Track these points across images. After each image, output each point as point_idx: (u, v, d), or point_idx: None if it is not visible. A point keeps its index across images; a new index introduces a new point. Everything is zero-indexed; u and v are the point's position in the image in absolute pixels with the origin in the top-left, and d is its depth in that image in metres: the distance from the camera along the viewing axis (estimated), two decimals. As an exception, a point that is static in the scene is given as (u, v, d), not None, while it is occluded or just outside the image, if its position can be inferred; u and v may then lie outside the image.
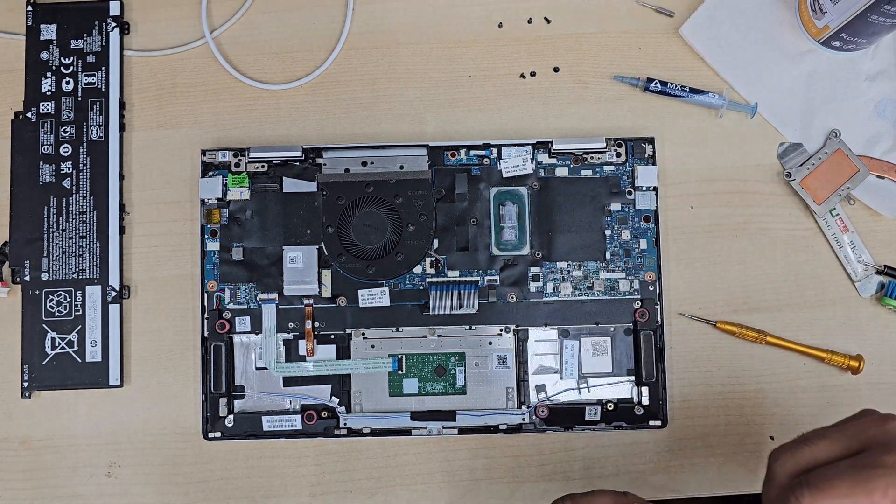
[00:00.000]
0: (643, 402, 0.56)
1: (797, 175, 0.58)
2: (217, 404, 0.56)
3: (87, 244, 0.58)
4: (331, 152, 0.58)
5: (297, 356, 0.56)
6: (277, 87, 0.60)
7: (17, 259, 0.58)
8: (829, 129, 0.59)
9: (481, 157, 0.58)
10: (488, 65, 0.60)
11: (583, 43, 0.61)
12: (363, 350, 0.57)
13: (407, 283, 0.57)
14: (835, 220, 0.58)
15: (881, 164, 0.59)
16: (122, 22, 0.60)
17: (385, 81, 0.60)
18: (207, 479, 0.57)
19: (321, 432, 0.56)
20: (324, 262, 0.57)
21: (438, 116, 0.60)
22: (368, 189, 0.57)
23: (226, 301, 0.57)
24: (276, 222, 0.57)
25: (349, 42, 0.61)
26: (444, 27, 0.61)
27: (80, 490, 0.57)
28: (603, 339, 0.57)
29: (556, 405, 0.56)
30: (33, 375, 0.57)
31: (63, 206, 0.58)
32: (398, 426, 0.56)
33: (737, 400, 0.57)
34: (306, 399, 0.56)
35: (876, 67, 0.60)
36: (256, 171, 0.57)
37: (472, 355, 0.57)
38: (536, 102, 0.60)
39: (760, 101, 0.59)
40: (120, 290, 0.58)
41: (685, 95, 0.59)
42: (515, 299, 0.57)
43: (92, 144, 0.59)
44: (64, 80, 0.59)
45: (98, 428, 0.58)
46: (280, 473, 0.57)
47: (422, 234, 0.57)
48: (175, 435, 0.57)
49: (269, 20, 0.61)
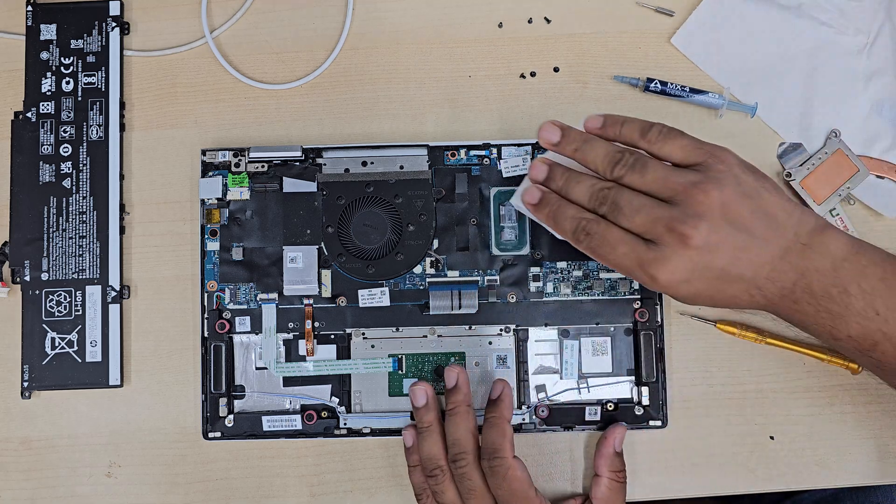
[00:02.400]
0: (643, 402, 0.56)
1: (797, 175, 0.58)
2: (217, 404, 0.56)
3: (87, 244, 0.58)
4: (331, 152, 0.58)
5: (297, 356, 0.56)
6: (277, 87, 0.60)
7: (17, 259, 0.58)
8: (828, 129, 0.59)
9: (481, 157, 0.58)
10: (488, 65, 0.60)
11: (583, 43, 0.61)
12: (363, 350, 0.57)
13: (407, 283, 0.57)
14: (835, 220, 0.58)
15: (881, 164, 0.59)
16: (122, 22, 0.60)
17: (385, 81, 0.60)
18: (207, 479, 0.57)
19: (321, 432, 0.56)
20: (324, 262, 0.57)
21: (438, 116, 0.60)
22: (368, 189, 0.57)
23: (226, 301, 0.57)
24: (276, 222, 0.57)
25: (349, 42, 0.61)
26: (444, 27, 0.61)
27: (79, 490, 0.57)
28: (603, 339, 0.57)
29: (556, 405, 0.56)
30: (33, 375, 0.57)
31: (63, 206, 0.58)
32: (398, 426, 0.56)
33: (737, 400, 0.57)
34: (306, 399, 0.56)
35: (873, 67, 0.60)
36: (256, 171, 0.57)
37: (472, 355, 0.57)
38: (536, 102, 0.60)
39: (759, 102, 0.59)
40: (120, 290, 0.58)
41: (685, 95, 0.59)
42: (515, 299, 0.57)
43: (92, 144, 0.59)
44: (64, 80, 0.59)
45: (98, 428, 0.58)
46: (280, 473, 0.57)
47: (422, 234, 0.57)
48: (175, 435, 0.57)
49: (269, 20, 0.61)
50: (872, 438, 0.57)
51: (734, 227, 0.46)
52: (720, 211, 0.46)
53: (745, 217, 0.47)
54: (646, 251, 0.47)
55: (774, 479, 0.56)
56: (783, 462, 0.56)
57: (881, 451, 0.56)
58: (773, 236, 0.47)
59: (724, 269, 0.46)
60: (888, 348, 0.47)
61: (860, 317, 0.47)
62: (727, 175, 0.47)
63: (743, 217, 0.47)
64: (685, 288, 0.47)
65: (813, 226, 0.48)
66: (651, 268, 0.47)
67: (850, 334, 0.47)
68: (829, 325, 0.48)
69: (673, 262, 0.46)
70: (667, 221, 0.46)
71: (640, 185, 0.48)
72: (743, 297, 0.48)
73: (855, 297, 0.47)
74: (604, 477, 0.54)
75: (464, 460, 0.51)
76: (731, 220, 0.46)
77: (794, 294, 0.47)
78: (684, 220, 0.46)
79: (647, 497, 0.57)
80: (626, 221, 0.47)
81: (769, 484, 0.56)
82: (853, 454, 0.56)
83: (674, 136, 0.49)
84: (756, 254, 0.47)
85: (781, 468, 0.56)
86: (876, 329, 0.47)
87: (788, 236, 0.47)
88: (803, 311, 0.48)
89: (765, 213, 0.47)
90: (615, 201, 0.48)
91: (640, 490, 0.57)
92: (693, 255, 0.46)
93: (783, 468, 0.56)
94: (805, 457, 0.56)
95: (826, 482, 0.56)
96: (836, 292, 0.47)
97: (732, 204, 0.46)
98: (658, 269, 0.46)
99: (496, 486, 0.51)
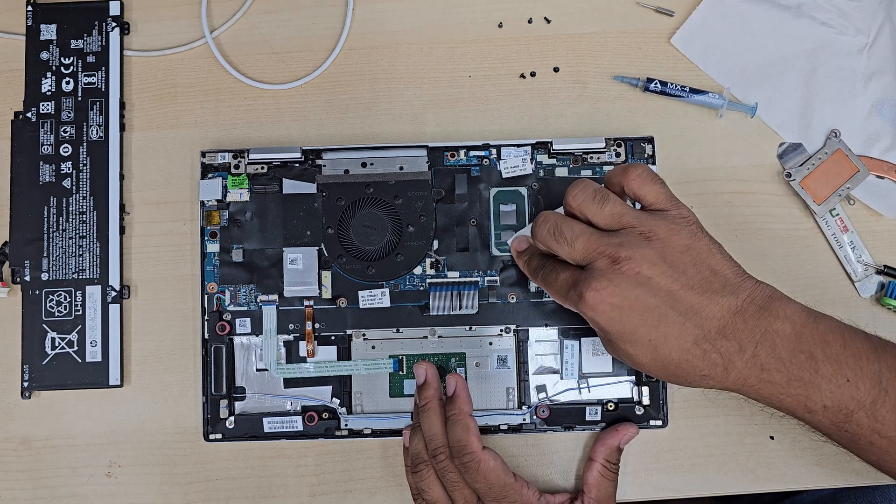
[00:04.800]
0: (643, 402, 0.56)
1: (797, 175, 0.58)
2: (218, 406, 0.56)
3: (87, 244, 0.58)
4: (330, 153, 0.58)
5: (298, 357, 0.56)
6: (277, 87, 0.60)
7: (17, 259, 0.58)
8: (828, 129, 0.59)
9: (481, 157, 0.58)
10: (488, 65, 0.60)
11: (583, 43, 0.61)
12: (364, 351, 0.57)
13: (407, 284, 0.57)
14: (835, 220, 0.58)
15: (881, 164, 0.59)
16: (122, 22, 0.60)
17: (385, 81, 0.60)
18: (207, 479, 0.57)
19: (322, 433, 0.56)
20: (324, 263, 0.57)
21: (438, 116, 0.60)
22: (368, 190, 0.57)
23: (226, 303, 0.57)
24: (275, 224, 0.57)
25: (349, 42, 0.61)
26: (444, 27, 0.61)
27: (80, 490, 0.57)
28: (603, 340, 0.57)
29: (556, 405, 0.56)
30: (33, 375, 0.57)
31: (63, 206, 0.58)
32: (399, 427, 0.56)
33: (737, 400, 0.57)
34: (307, 400, 0.56)
35: (873, 67, 0.60)
36: (256, 173, 0.57)
37: (472, 356, 0.57)
38: (536, 102, 0.60)
39: (759, 102, 0.59)
40: (120, 290, 0.58)
41: (685, 95, 0.59)
42: (516, 299, 0.57)
43: (92, 144, 0.59)
44: (64, 80, 0.59)
45: (98, 428, 0.58)
46: (280, 473, 0.57)
47: (422, 234, 0.57)
48: (175, 435, 0.57)
49: (269, 20, 0.61)
50: (872, 438, 0.57)
51: (673, 268, 0.46)
52: (659, 251, 0.46)
53: (686, 263, 0.46)
54: (581, 273, 0.47)
55: (774, 479, 0.56)
56: (783, 462, 0.57)
57: (881, 452, 0.57)
58: (720, 288, 0.46)
59: (658, 306, 0.45)
60: (862, 418, 0.46)
61: (832, 384, 0.46)
62: (684, 225, 0.47)
63: (684, 263, 0.46)
64: (617, 316, 0.45)
65: (770, 293, 0.47)
66: (580, 286, 0.46)
67: (826, 404, 0.46)
68: (804, 397, 0.46)
69: (600, 282, 0.45)
70: (604, 247, 0.46)
71: (597, 216, 0.48)
72: (694, 353, 0.46)
73: (822, 363, 0.46)
74: (597, 462, 0.54)
75: (442, 454, 0.52)
76: (670, 263, 0.46)
77: (757, 359, 0.46)
78: (620, 246, 0.46)
79: (647, 497, 0.57)
80: (567, 247, 0.47)
81: (769, 484, 0.56)
82: (852, 454, 0.56)
83: (654, 181, 0.48)
84: (696, 302, 0.45)
85: (781, 468, 0.56)
86: (849, 397, 0.46)
87: (741, 297, 0.46)
88: (773, 380, 0.46)
89: (709, 267, 0.46)
90: (560, 229, 0.48)
91: (640, 490, 0.57)
92: (621, 281, 0.45)
93: (783, 468, 0.56)
94: (805, 457, 0.57)
95: (826, 482, 0.57)
96: (804, 358, 0.46)
97: (675, 249, 0.46)
98: (585, 288, 0.46)
99: (472, 482, 0.51)
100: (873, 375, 0.46)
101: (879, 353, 0.47)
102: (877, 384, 0.46)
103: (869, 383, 0.46)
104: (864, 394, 0.46)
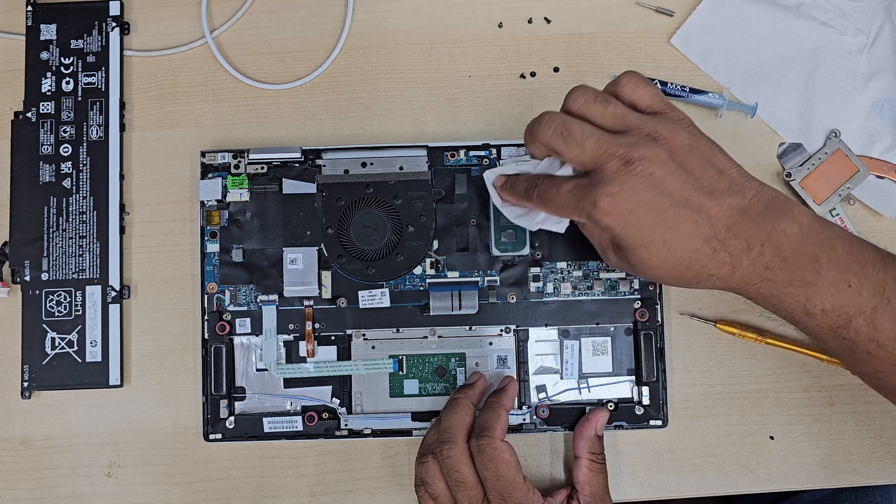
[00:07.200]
0: (643, 402, 0.56)
1: (797, 175, 0.58)
2: (218, 406, 0.56)
3: (87, 244, 0.58)
4: (330, 153, 0.58)
5: (298, 357, 0.56)
6: (277, 87, 0.60)
7: (17, 259, 0.58)
8: (828, 129, 0.59)
9: (481, 157, 0.58)
10: (488, 65, 0.60)
11: (583, 43, 0.61)
12: (364, 351, 0.57)
13: (407, 284, 0.57)
14: (835, 220, 0.58)
15: (881, 164, 0.59)
16: (122, 22, 0.60)
17: (385, 81, 0.60)
18: (207, 479, 0.57)
19: (322, 433, 0.56)
20: (324, 263, 0.57)
21: (438, 116, 0.60)
22: (368, 190, 0.57)
23: (226, 303, 0.57)
24: (275, 224, 0.57)
25: (349, 42, 0.61)
26: (444, 27, 0.61)
27: (80, 490, 0.57)
28: (603, 339, 0.57)
29: (556, 405, 0.56)
30: (33, 375, 0.57)
31: (63, 206, 0.58)
32: (399, 427, 0.56)
33: (737, 400, 0.57)
34: (307, 400, 0.56)
35: (873, 67, 0.60)
36: (256, 173, 0.57)
37: (472, 356, 0.57)
38: (536, 102, 0.60)
39: (759, 102, 0.59)
40: (120, 290, 0.58)
41: (685, 95, 0.59)
42: (515, 299, 0.57)
43: (92, 144, 0.59)
44: (64, 80, 0.59)
45: (98, 428, 0.58)
46: (280, 473, 0.57)
47: (422, 234, 0.57)
48: (175, 435, 0.57)
49: (269, 20, 0.61)
50: (872, 438, 0.57)
51: (681, 168, 0.46)
52: (668, 150, 0.46)
53: (693, 163, 0.46)
54: (588, 182, 0.46)
55: (774, 479, 0.56)
56: (783, 462, 0.57)
57: (881, 451, 0.57)
58: (726, 189, 0.46)
59: (672, 207, 0.45)
60: (861, 325, 0.46)
61: (833, 288, 0.46)
62: (683, 126, 0.47)
63: (691, 163, 0.46)
64: (633, 220, 0.45)
65: (775, 194, 0.47)
66: (592, 193, 0.45)
67: (825, 307, 0.46)
68: (804, 298, 0.46)
69: (613, 186, 0.45)
70: (615, 148, 0.45)
71: (600, 116, 0.47)
72: (705, 251, 0.46)
73: (825, 266, 0.46)
74: (584, 458, 0.54)
75: (452, 447, 0.50)
76: (679, 163, 0.46)
77: (763, 257, 0.46)
78: (632, 146, 0.45)
79: (647, 497, 0.57)
80: (576, 147, 0.46)
81: (769, 484, 0.56)
82: (853, 454, 0.57)
83: (647, 84, 0.48)
84: (706, 201, 0.45)
85: (781, 468, 0.57)
86: (850, 302, 0.46)
87: (748, 196, 0.46)
88: (775, 279, 0.46)
89: (715, 167, 0.47)
90: (568, 128, 0.47)
91: (640, 490, 0.57)
92: (635, 183, 0.45)
93: (783, 468, 0.57)
94: (805, 457, 0.57)
95: (826, 482, 0.57)
96: (806, 259, 0.46)
97: (681, 149, 0.46)
98: (599, 195, 0.45)
99: (482, 467, 0.50)
100: (877, 284, 0.46)
101: (887, 264, 0.47)
102: (879, 292, 0.46)
103: (871, 290, 0.46)
104: (865, 301, 0.46)
